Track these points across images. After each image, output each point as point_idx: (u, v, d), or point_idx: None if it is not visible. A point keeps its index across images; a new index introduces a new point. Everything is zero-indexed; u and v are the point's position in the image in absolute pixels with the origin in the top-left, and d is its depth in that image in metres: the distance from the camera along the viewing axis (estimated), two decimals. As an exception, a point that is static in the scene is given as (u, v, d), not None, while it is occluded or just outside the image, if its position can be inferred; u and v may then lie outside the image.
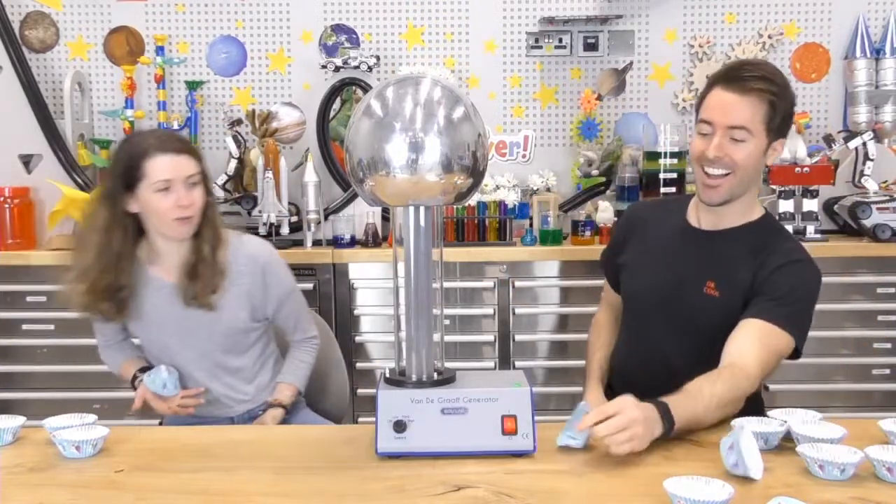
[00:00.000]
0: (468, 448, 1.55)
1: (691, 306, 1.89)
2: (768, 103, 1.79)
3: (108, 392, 3.20)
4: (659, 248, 1.99)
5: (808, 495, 1.33)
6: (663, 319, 1.94)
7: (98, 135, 3.57)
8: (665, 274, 1.94)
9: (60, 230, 3.35)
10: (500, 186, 3.36)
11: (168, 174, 1.97)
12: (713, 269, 1.88)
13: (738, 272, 1.86)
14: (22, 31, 3.52)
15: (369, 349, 3.26)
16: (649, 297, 1.97)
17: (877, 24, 3.50)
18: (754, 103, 1.78)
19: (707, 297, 1.88)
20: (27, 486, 1.46)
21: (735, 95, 1.79)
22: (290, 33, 3.55)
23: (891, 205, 3.21)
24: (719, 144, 1.80)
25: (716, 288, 1.87)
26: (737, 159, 1.80)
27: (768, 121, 1.79)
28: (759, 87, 1.78)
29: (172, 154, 1.99)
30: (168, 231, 2.02)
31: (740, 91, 1.79)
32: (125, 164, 2.00)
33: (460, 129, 1.55)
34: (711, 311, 1.86)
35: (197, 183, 2.02)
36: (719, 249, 1.89)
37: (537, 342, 3.22)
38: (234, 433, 1.81)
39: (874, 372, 3.20)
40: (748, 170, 1.82)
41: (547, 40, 3.44)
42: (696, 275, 1.89)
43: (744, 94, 1.79)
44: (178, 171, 1.99)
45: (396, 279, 1.68)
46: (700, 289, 1.88)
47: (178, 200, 1.98)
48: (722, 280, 1.87)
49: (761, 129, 1.80)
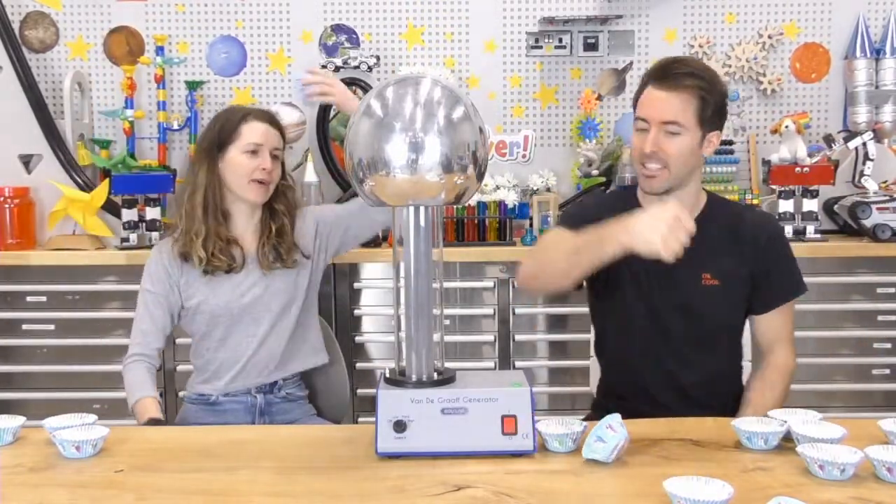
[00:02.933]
0: (468, 448, 1.55)
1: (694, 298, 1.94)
2: (699, 98, 1.87)
3: (108, 392, 3.19)
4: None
5: (808, 495, 1.33)
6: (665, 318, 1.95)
7: (98, 135, 3.57)
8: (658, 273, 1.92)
9: (60, 230, 3.35)
10: (500, 186, 3.36)
11: (260, 139, 2.20)
12: (702, 261, 1.92)
13: (725, 260, 1.95)
14: (22, 31, 3.52)
15: (369, 349, 3.26)
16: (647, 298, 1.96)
17: (877, 24, 3.50)
18: (685, 98, 1.87)
19: (707, 287, 1.94)
20: (27, 486, 1.46)
21: (666, 92, 1.88)
22: (290, 33, 3.55)
23: (891, 205, 3.21)
24: (654, 139, 1.89)
25: (713, 277, 1.94)
26: (670, 153, 1.88)
27: (700, 114, 1.88)
28: (688, 83, 1.87)
29: (267, 123, 2.24)
30: (244, 192, 2.20)
31: (671, 88, 1.88)
32: (223, 124, 2.23)
33: (460, 129, 1.55)
34: (715, 299, 1.94)
35: (278, 158, 2.25)
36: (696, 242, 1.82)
37: (537, 342, 3.22)
38: (234, 433, 1.81)
39: (874, 372, 3.19)
40: (682, 162, 1.90)
41: (547, 40, 3.44)
42: (689, 269, 1.89)
43: (674, 90, 1.87)
44: (269, 139, 2.22)
45: (397, 279, 1.69)
46: (699, 282, 1.94)
47: (263, 164, 2.19)
48: (715, 270, 1.94)
49: (693, 122, 1.88)
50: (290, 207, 2.28)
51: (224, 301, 2.18)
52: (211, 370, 2.22)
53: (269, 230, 2.22)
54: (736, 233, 1.97)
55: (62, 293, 3.21)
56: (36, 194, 3.42)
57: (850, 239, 3.31)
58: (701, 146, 1.92)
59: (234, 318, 2.19)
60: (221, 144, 2.20)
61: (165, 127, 3.44)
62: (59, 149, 3.41)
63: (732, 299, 1.98)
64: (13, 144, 3.43)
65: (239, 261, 2.20)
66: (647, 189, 1.96)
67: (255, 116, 2.23)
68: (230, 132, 2.20)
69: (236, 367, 2.20)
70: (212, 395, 2.21)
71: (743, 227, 1.98)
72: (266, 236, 2.22)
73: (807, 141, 3.38)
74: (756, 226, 1.99)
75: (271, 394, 2.22)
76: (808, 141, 3.40)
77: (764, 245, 1.97)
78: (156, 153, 3.46)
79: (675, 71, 1.89)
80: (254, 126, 2.21)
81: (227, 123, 2.22)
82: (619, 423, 1.52)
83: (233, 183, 2.21)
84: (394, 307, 1.75)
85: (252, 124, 2.21)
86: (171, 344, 3.18)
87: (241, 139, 2.19)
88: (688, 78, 1.87)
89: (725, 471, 1.45)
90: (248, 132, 2.20)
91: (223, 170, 2.21)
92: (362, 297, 3.22)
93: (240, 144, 2.19)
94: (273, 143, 2.22)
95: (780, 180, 3.27)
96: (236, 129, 2.20)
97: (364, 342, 3.24)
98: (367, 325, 3.24)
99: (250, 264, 2.21)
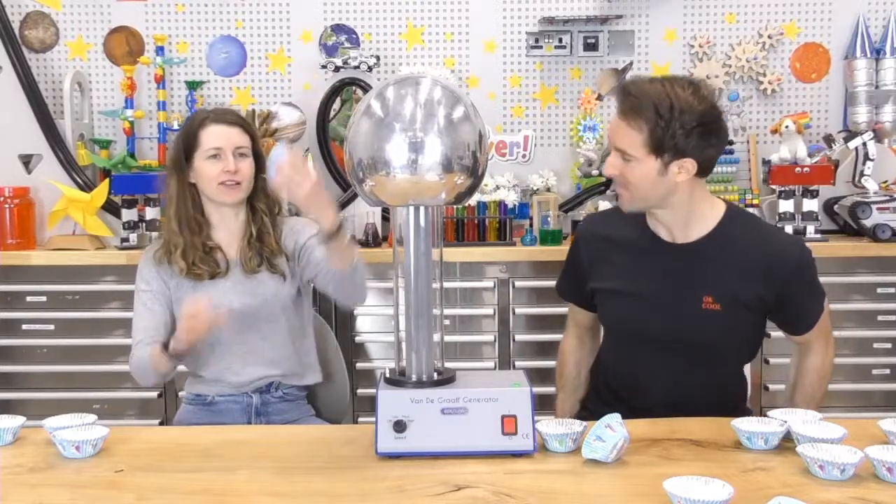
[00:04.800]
0: (468, 448, 1.55)
1: (692, 324, 1.87)
2: (647, 130, 1.77)
3: (108, 392, 3.20)
4: (638, 268, 1.93)
5: (808, 495, 1.33)
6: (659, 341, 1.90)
7: (98, 135, 3.57)
8: (655, 296, 1.89)
9: (60, 230, 3.35)
10: (500, 186, 3.36)
11: (218, 142, 2.15)
12: (706, 282, 1.86)
13: (735, 281, 1.85)
14: (22, 31, 3.51)
15: (369, 349, 3.26)
16: (640, 322, 1.92)
17: (877, 24, 3.50)
18: (631, 129, 1.79)
19: (707, 311, 1.85)
20: (27, 486, 1.46)
21: (618, 120, 1.82)
22: (290, 33, 3.55)
23: (891, 205, 3.21)
24: (611, 163, 1.84)
25: (715, 301, 1.85)
26: (627, 177, 1.83)
27: (650, 144, 1.78)
28: (632, 115, 1.78)
29: (225, 125, 2.18)
30: (217, 196, 2.16)
31: (621, 115, 1.81)
32: (184, 134, 2.20)
33: (460, 129, 1.55)
34: (714, 326, 1.86)
35: (246, 155, 2.18)
36: (705, 261, 1.87)
37: (537, 342, 3.22)
38: (234, 433, 1.81)
39: (874, 372, 3.19)
40: (642, 188, 1.82)
41: (547, 40, 3.44)
42: (690, 291, 1.87)
43: (624, 118, 1.81)
44: (229, 140, 2.16)
45: (397, 279, 1.68)
46: (698, 305, 1.86)
47: (226, 166, 2.13)
48: (720, 293, 1.85)
49: (643, 152, 1.79)
50: (270, 204, 2.23)
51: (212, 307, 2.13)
52: (202, 374, 2.21)
53: (251, 233, 2.19)
54: (754, 256, 1.85)
55: (62, 293, 3.21)
56: (36, 194, 3.42)
57: (850, 239, 3.31)
58: (665, 173, 1.80)
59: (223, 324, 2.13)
60: (187, 154, 2.17)
61: (165, 127, 3.44)
62: (59, 149, 3.41)
63: (735, 326, 1.88)
64: (13, 144, 3.43)
65: (223, 266, 2.17)
66: (620, 207, 1.92)
67: (213, 119, 2.18)
68: (191, 141, 2.17)
69: (227, 372, 2.18)
70: (208, 396, 2.20)
71: (766, 249, 1.86)
72: (247, 240, 2.19)
73: (807, 141, 3.38)
74: (782, 251, 1.87)
75: (268, 394, 2.21)
76: (808, 141, 3.40)
77: (785, 276, 1.85)
78: (156, 153, 3.46)
79: (625, 99, 1.80)
80: (211, 130, 2.16)
81: (187, 132, 2.19)
82: (619, 422, 1.52)
83: (205, 189, 2.17)
84: (394, 307, 1.75)
85: (209, 128, 2.16)
86: (171, 344, 3.19)
87: (202, 146, 2.15)
88: (634, 110, 1.78)
89: (725, 471, 1.45)
90: (206, 137, 2.16)
91: (195, 178, 2.18)
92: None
93: (201, 151, 2.15)
94: (235, 143, 2.16)
95: (781, 180, 3.27)
96: (196, 136, 2.16)
97: (364, 342, 3.23)
98: (367, 325, 3.24)
99: (235, 269, 2.19)
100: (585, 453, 1.51)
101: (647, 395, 1.94)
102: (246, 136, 2.20)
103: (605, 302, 2.00)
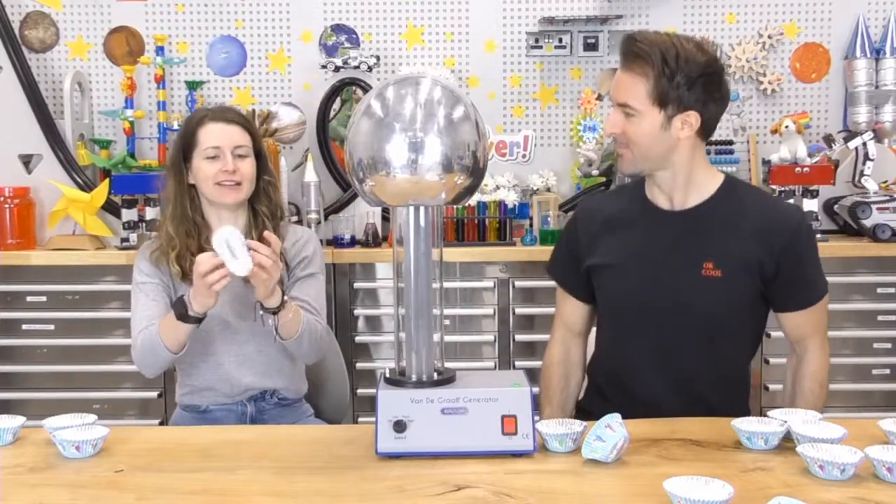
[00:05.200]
0: (468, 448, 1.55)
1: (691, 292, 1.84)
2: (651, 78, 1.76)
3: (108, 392, 3.20)
4: (636, 240, 1.91)
5: (808, 495, 1.33)
6: (658, 314, 1.86)
7: (98, 135, 3.57)
8: (654, 266, 1.87)
9: (60, 230, 3.35)
10: (500, 186, 3.36)
11: (217, 141, 2.08)
12: (706, 248, 1.84)
13: (735, 246, 1.83)
14: (22, 31, 3.52)
15: (369, 349, 3.26)
16: (639, 294, 1.88)
17: (877, 24, 3.50)
18: (634, 79, 1.78)
19: (707, 278, 1.83)
20: (27, 486, 1.46)
21: (621, 72, 1.81)
22: (290, 33, 3.55)
23: (891, 205, 3.21)
24: (612, 120, 1.83)
25: (715, 267, 1.83)
26: (629, 134, 1.81)
27: (652, 95, 1.77)
28: (637, 63, 1.78)
29: (224, 123, 2.11)
30: (216, 197, 2.09)
31: (624, 68, 1.81)
32: (183, 133, 2.14)
33: (460, 129, 1.55)
34: (714, 293, 1.83)
35: (246, 155, 2.11)
36: (704, 227, 1.85)
37: (537, 342, 3.22)
38: (234, 433, 1.81)
39: (874, 372, 3.20)
40: (643, 144, 1.81)
41: (547, 40, 3.44)
42: (689, 258, 1.85)
43: (626, 70, 1.80)
44: (228, 139, 2.09)
45: (396, 279, 1.68)
46: (697, 272, 1.84)
47: (224, 166, 2.07)
48: (720, 258, 1.83)
49: (646, 104, 1.78)
50: (273, 208, 2.17)
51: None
52: (194, 383, 2.15)
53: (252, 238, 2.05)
54: (754, 220, 1.84)
55: (62, 293, 3.21)
56: (36, 194, 3.42)
57: (850, 239, 3.32)
58: (668, 128, 1.79)
59: (216, 334, 2.11)
60: (186, 154, 2.11)
61: (165, 127, 3.44)
62: (59, 149, 3.41)
63: (735, 293, 1.84)
64: (13, 144, 3.43)
65: None
66: (620, 170, 1.93)
67: (212, 118, 2.12)
68: (189, 140, 2.11)
69: (220, 382, 2.13)
70: (201, 405, 2.15)
71: (766, 214, 1.86)
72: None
73: (807, 141, 3.39)
74: (783, 216, 1.87)
75: (263, 401, 2.16)
76: (808, 141, 3.40)
77: (789, 238, 1.84)
78: (156, 153, 3.46)
79: (627, 49, 1.79)
80: (209, 129, 2.10)
81: (186, 131, 2.13)
82: (619, 422, 1.52)
83: (203, 190, 2.11)
84: (394, 307, 1.75)
85: (208, 127, 2.10)
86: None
87: (200, 145, 2.09)
88: (636, 58, 1.77)
89: (725, 471, 1.45)
90: (204, 136, 2.09)
91: (193, 179, 2.12)
92: (362, 297, 3.22)
93: (199, 151, 2.09)
94: (235, 142, 2.09)
95: (781, 180, 3.27)
96: (194, 135, 2.10)
97: (364, 342, 3.24)
98: (367, 325, 3.24)
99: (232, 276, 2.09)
100: (585, 453, 1.51)
101: (651, 383, 1.88)
102: (246, 135, 2.13)
103: (604, 279, 1.94)
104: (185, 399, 2.18)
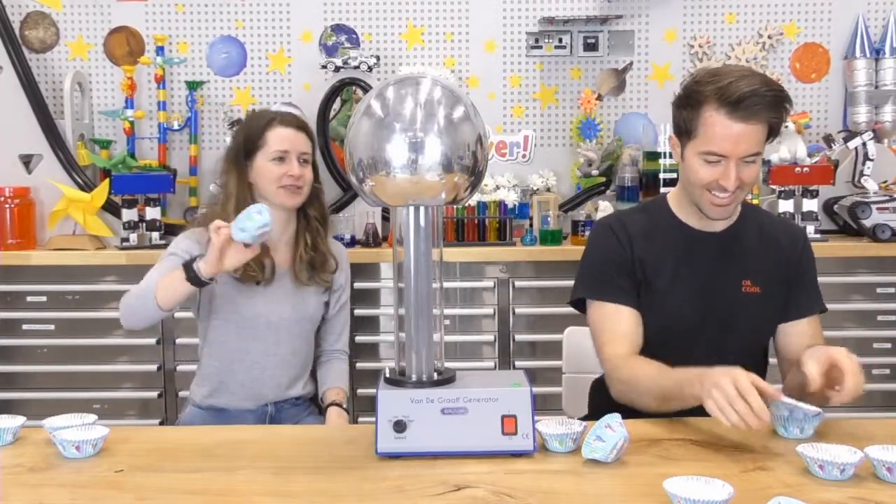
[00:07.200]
0: (468, 448, 1.55)
1: (735, 309, 1.91)
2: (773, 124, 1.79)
3: (108, 392, 3.20)
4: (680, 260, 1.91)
5: (808, 495, 1.33)
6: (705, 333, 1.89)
7: (98, 135, 3.58)
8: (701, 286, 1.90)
9: (60, 230, 3.35)
10: (500, 186, 3.36)
11: (286, 145, 2.15)
12: (744, 267, 1.92)
13: (765, 262, 1.93)
14: (22, 31, 3.52)
15: (369, 349, 3.26)
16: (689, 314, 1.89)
17: (877, 24, 3.50)
18: (761, 129, 1.78)
19: (748, 294, 1.91)
20: (27, 486, 1.46)
21: (744, 126, 1.74)
22: (290, 33, 3.55)
23: (891, 205, 3.21)
24: (735, 177, 1.78)
25: (753, 283, 1.91)
26: (748, 181, 1.82)
27: (770, 136, 1.83)
28: (763, 114, 1.75)
29: (293, 129, 2.18)
30: (276, 198, 2.14)
31: (748, 120, 1.74)
32: (248, 133, 2.18)
33: (460, 129, 1.55)
34: (755, 307, 1.91)
35: (308, 161, 2.19)
36: (740, 247, 1.93)
37: (537, 342, 3.22)
38: (234, 433, 1.81)
39: (874, 372, 3.19)
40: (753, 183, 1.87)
41: (547, 40, 3.44)
42: (731, 278, 1.91)
43: (752, 122, 1.75)
44: (295, 144, 2.16)
45: (396, 279, 1.68)
46: (738, 290, 1.91)
47: (290, 170, 2.13)
48: (757, 276, 1.92)
49: (764, 145, 1.82)
50: (323, 213, 2.25)
51: (252, 314, 2.14)
52: (219, 381, 2.18)
53: (305, 242, 2.19)
54: (772, 237, 1.96)
55: (62, 293, 3.21)
56: (36, 194, 3.42)
57: (850, 239, 3.32)
58: None
59: (259, 333, 2.15)
60: (248, 152, 2.16)
61: (166, 127, 3.44)
62: (60, 149, 3.41)
63: (771, 308, 1.93)
64: (13, 144, 3.43)
65: (268, 273, 2.14)
66: (716, 216, 1.87)
67: (281, 122, 2.17)
68: (255, 140, 2.15)
69: (248, 382, 2.17)
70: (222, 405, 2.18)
71: (778, 232, 1.98)
72: (302, 248, 2.19)
73: (807, 141, 3.39)
74: (790, 232, 2.01)
75: (283, 401, 2.21)
76: (808, 141, 3.40)
77: (800, 251, 1.97)
78: (156, 153, 3.47)
79: (752, 104, 1.73)
80: (279, 132, 2.15)
81: (252, 131, 2.17)
82: (619, 422, 1.52)
83: (264, 189, 2.15)
84: (394, 307, 1.75)
85: (277, 130, 2.15)
86: (170, 344, 3.19)
87: (268, 147, 2.14)
88: (764, 111, 1.75)
89: (725, 471, 1.45)
90: (273, 139, 2.15)
91: (253, 177, 2.17)
92: (362, 296, 3.22)
93: (266, 152, 2.14)
94: (301, 148, 2.16)
95: (780, 180, 3.27)
96: (262, 136, 2.15)
97: (364, 342, 3.24)
98: (367, 325, 3.24)
99: (283, 278, 2.17)
100: (585, 453, 1.51)
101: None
102: (309, 143, 2.21)
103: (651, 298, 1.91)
104: (206, 400, 2.19)
